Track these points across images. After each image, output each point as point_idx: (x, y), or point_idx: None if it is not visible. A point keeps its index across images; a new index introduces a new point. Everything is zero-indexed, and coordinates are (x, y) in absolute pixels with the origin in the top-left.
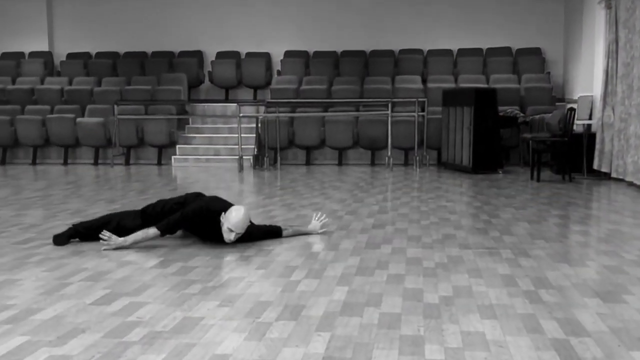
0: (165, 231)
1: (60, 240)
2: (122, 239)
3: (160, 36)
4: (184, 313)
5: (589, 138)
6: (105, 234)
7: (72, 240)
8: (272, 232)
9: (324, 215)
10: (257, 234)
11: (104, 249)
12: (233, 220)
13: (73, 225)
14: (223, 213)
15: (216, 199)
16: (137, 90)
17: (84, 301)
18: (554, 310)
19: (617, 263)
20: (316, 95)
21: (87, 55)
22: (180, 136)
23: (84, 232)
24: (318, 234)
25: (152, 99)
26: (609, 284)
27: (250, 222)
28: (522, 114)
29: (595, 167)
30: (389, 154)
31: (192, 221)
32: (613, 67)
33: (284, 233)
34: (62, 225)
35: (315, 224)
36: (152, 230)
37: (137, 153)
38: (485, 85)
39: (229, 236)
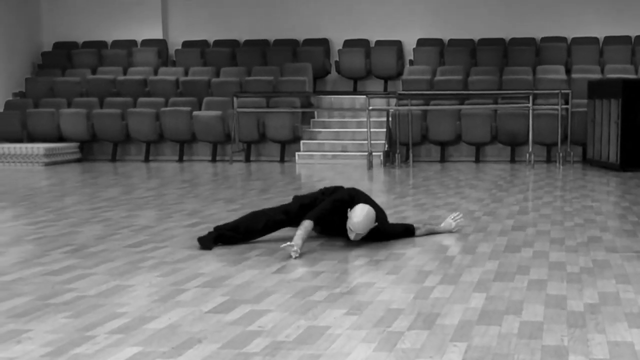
0: (317, 219)
1: (206, 243)
2: (295, 245)
3: (283, 23)
4: (308, 322)
5: None
6: (293, 247)
7: (218, 244)
8: (406, 231)
9: (460, 215)
10: (391, 234)
11: (295, 257)
12: (354, 220)
13: (215, 228)
14: (349, 209)
15: (360, 192)
16: (258, 82)
17: (201, 309)
18: None
19: None
20: (451, 87)
21: (204, 43)
22: (305, 131)
23: (230, 235)
24: (452, 232)
25: (274, 91)
26: None
27: (386, 221)
28: None
29: None
30: (530, 150)
31: (338, 210)
32: None
33: (417, 232)
34: (176, 227)
35: (449, 222)
36: (307, 223)
37: (258, 149)
38: (634, 76)
39: (350, 235)
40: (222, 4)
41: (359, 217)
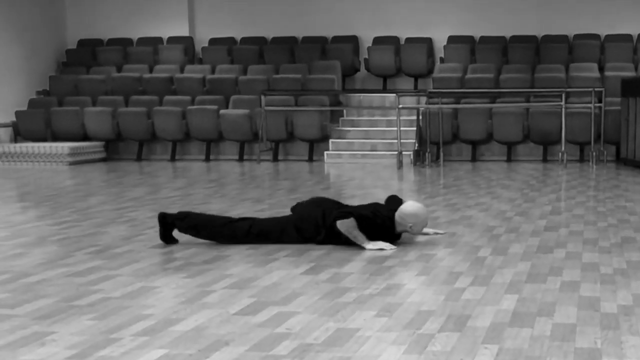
0: (359, 218)
1: (167, 219)
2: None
3: (311, 20)
4: (337, 324)
5: None
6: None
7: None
8: None
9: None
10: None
11: (390, 249)
12: (422, 217)
13: (179, 212)
14: (405, 222)
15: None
16: (286, 79)
17: (228, 311)
18: None
19: None
20: (483, 85)
21: (231, 40)
22: (334, 130)
23: (186, 230)
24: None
25: (302, 89)
26: None
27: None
28: None
29: None
30: (563, 149)
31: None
32: None
33: None
34: None
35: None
36: (351, 222)
37: (286, 148)
38: None
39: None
40: (250, 0)
41: (416, 209)
